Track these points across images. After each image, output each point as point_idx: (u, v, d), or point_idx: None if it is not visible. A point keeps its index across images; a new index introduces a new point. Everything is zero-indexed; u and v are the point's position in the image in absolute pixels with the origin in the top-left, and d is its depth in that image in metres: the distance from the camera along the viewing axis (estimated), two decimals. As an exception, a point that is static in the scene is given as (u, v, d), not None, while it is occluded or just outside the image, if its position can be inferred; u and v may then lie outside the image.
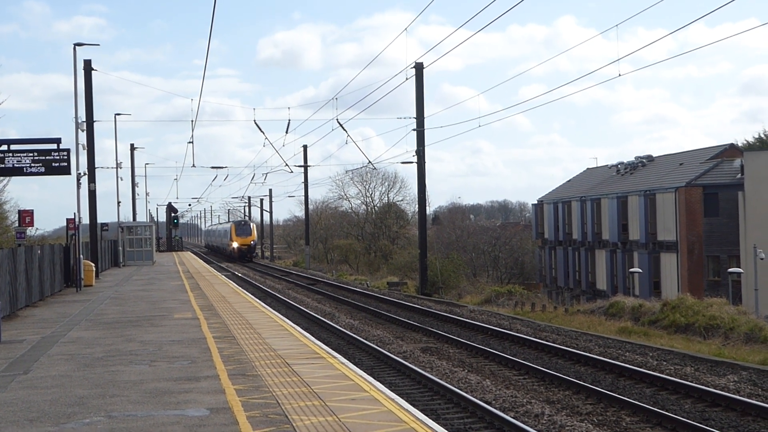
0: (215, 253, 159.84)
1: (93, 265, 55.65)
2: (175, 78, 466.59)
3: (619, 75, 36.61)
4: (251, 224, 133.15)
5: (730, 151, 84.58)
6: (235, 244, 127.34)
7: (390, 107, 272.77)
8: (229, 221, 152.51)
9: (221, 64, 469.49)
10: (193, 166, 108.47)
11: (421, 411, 17.92)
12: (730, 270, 61.09)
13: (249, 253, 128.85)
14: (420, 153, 65.40)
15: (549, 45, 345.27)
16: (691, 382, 25.11)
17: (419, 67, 64.61)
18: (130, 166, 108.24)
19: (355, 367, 20.01)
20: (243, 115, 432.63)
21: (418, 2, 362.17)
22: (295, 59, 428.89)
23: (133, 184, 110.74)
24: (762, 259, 59.20)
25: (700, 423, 19.95)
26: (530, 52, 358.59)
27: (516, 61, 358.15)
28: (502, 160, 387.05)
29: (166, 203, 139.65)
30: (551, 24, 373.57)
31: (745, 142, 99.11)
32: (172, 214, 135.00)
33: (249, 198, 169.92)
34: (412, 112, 64.70)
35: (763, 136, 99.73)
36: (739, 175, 75.00)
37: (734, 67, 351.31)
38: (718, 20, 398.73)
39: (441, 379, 25.28)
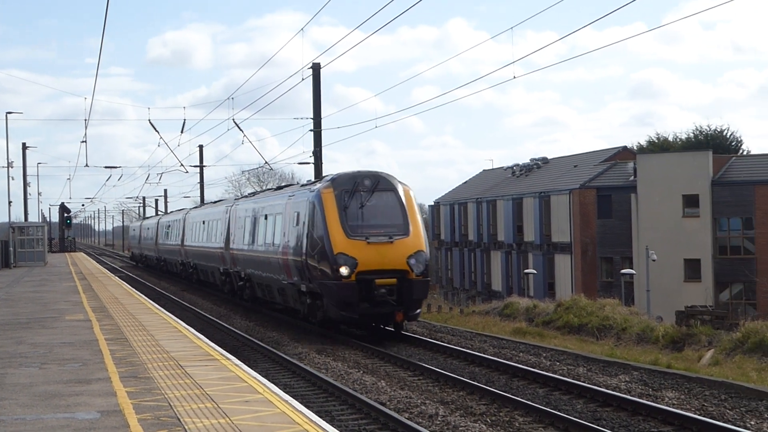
0: (209, 286, 63.17)
1: (-17, 266, 54.72)
2: (65, 76, 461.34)
3: (514, 77, 37.02)
4: (400, 188, 35.48)
5: (623, 153, 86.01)
6: (344, 270, 33.42)
7: (283, 108, 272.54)
8: (306, 183, 41.05)
9: (111, 62, 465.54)
10: (86, 165, 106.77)
11: (316, 413, 17.85)
12: (623, 271, 62.07)
13: (409, 310, 34.19)
14: (317, 154, 65.20)
15: (439, 47, 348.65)
16: (584, 382, 25.35)
17: (316, 68, 64.42)
18: (21, 165, 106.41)
19: (249, 368, 19.89)
20: (135, 115, 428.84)
21: (308, 4, 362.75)
22: (184, 59, 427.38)
23: (25, 184, 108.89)
24: (654, 260, 60.19)
25: (592, 422, 20.14)
26: (421, 53, 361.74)
27: (407, 62, 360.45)
28: (397, 161, 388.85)
29: (59, 203, 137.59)
30: (441, 26, 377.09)
31: (637, 144, 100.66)
32: (65, 215, 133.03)
33: (144, 198, 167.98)
34: (306, 112, 64.86)
35: (655, 138, 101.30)
36: (631, 178, 76.19)
37: (623, 70, 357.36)
38: (606, 24, 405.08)
39: (336, 381, 25.22)
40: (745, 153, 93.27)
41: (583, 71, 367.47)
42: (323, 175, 48.47)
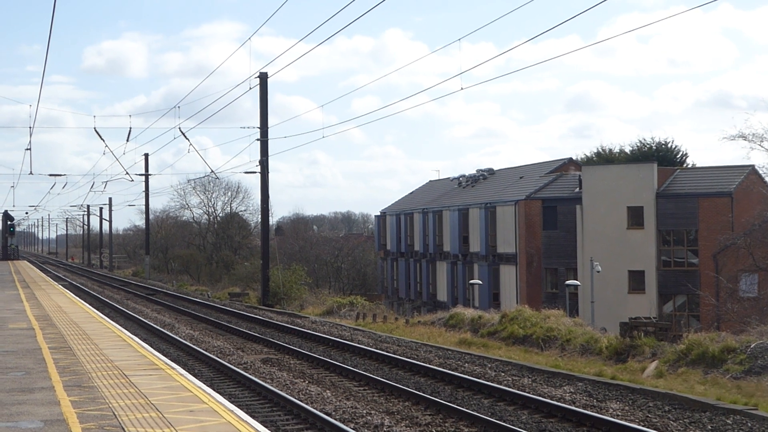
0: None
1: (-76, 273, 54.11)
2: (5, 84, 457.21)
3: (462, 89, 37.22)
4: None
5: (569, 165, 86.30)
6: None
7: (224, 117, 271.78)
8: None
9: (51, 70, 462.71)
10: (31, 173, 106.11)
11: (261, 422, 17.80)
12: (568, 282, 62.20)
13: None
14: (264, 163, 65.16)
15: (376, 57, 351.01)
16: (529, 392, 25.46)
17: (263, 77, 64.40)
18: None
19: (194, 378, 19.79)
20: (76, 123, 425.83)
21: (244, 14, 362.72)
22: (121, 67, 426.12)
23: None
24: (598, 272, 60.48)
25: (537, 433, 20.24)
26: (358, 63, 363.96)
27: (345, 71, 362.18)
28: (341, 171, 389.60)
29: (2, 211, 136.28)
30: (378, 36, 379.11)
31: (583, 156, 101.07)
32: (8, 223, 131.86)
33: (88, 207, 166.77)
34: (246, 121, 65.10)
35: (600, 150, 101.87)
36: (576, 189, 76.56)
37: (560, 83, 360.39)
38: (542, 36, 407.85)
39: (281, 391, 25.16)
40: (690, 166, 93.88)
41: (519, 83, 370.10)
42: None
